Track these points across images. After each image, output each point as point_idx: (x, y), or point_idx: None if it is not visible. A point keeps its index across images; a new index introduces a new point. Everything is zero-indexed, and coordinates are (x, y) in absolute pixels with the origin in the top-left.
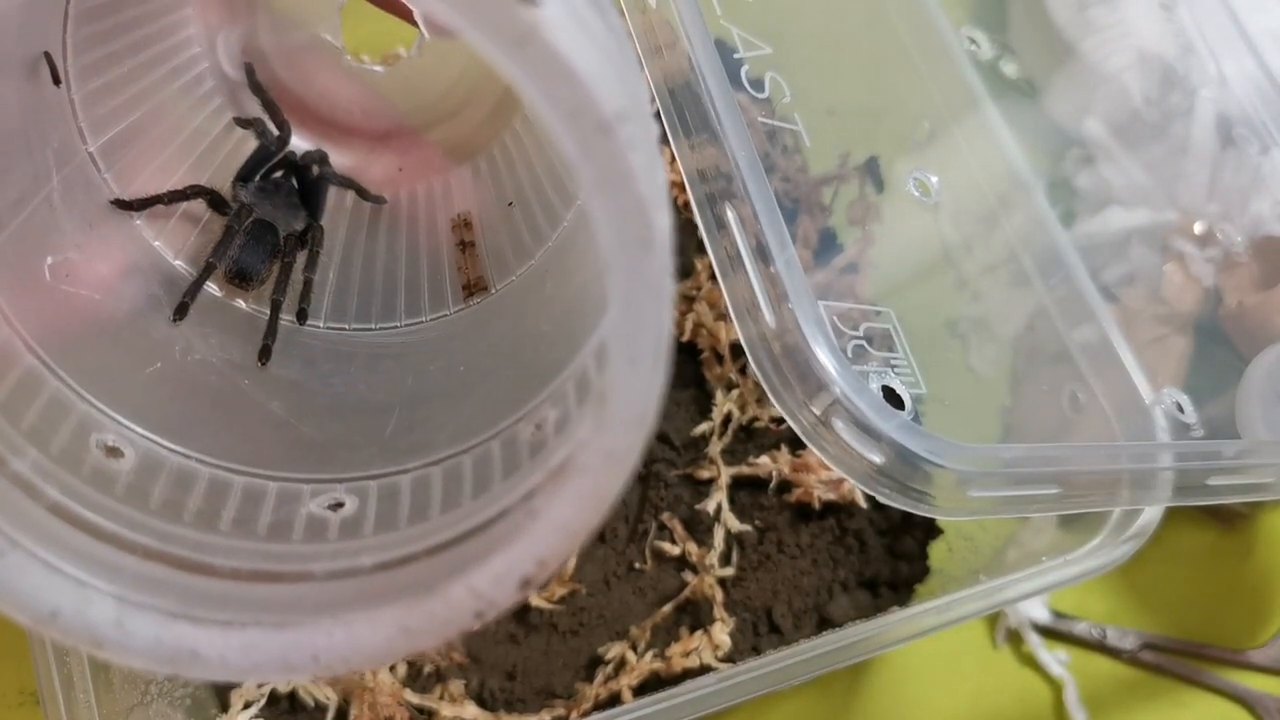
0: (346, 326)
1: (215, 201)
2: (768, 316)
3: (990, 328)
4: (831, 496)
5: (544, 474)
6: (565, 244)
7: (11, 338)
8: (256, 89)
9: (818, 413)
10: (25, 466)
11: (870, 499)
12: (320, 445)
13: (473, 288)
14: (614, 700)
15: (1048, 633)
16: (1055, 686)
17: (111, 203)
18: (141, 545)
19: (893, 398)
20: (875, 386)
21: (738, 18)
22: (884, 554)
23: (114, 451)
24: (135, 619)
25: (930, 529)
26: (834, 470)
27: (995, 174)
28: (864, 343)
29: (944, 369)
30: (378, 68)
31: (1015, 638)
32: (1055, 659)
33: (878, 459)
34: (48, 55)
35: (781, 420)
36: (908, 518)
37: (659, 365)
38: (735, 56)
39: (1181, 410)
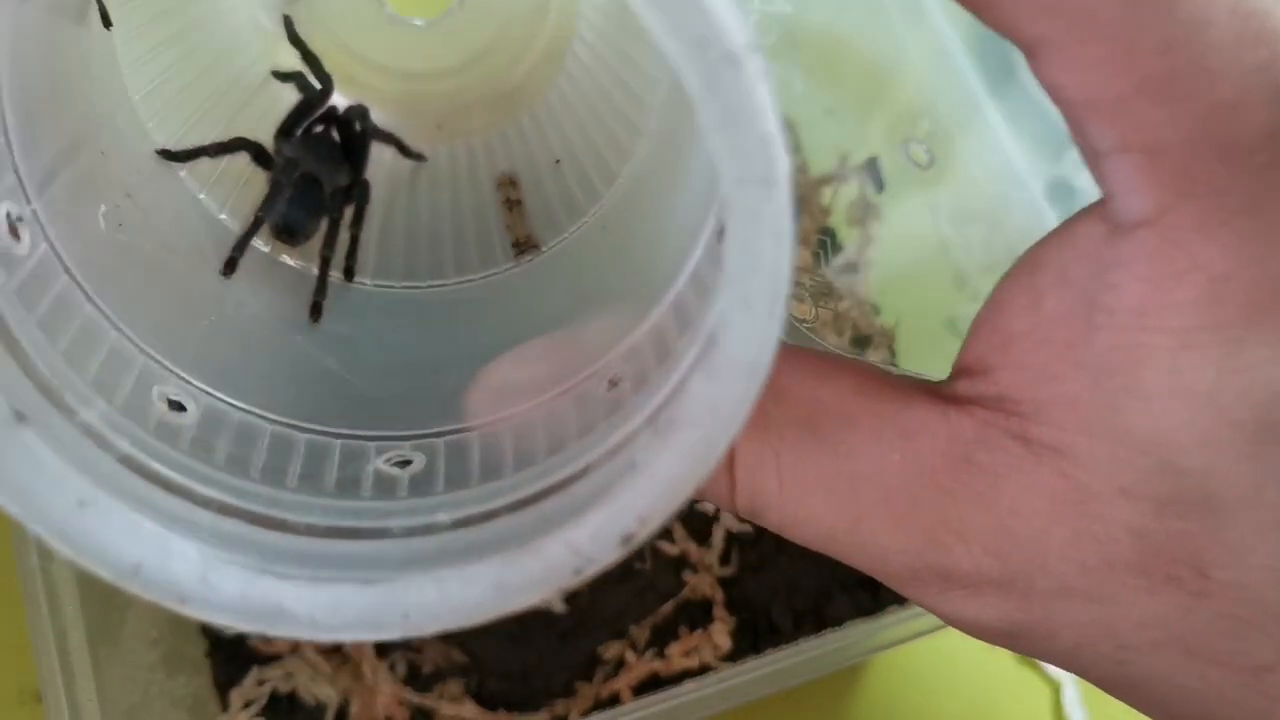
0: (395, 284)
1: (260, 155)
2: None
3: None
4: None
5: (634, 426)
6: (625, 201)
7: (71, 287)
8: (295, 41)
9: None
10: (94, 417)
11: None
12: (381, 402)
13: (523, 246)
14: (614, 700)
15: None
16: (1054, 686)
17: (157, 153)
18: (215, 500)
19: None
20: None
21: None
22: None
23: (176, 405)
24: (220, 573)
25: None
26: None
27: (995, 174)
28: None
29: (944, 368)
30: (418, 21)
31: None
32: None
33: None
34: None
35: None
36: None
37: (776, 311)
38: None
39: None
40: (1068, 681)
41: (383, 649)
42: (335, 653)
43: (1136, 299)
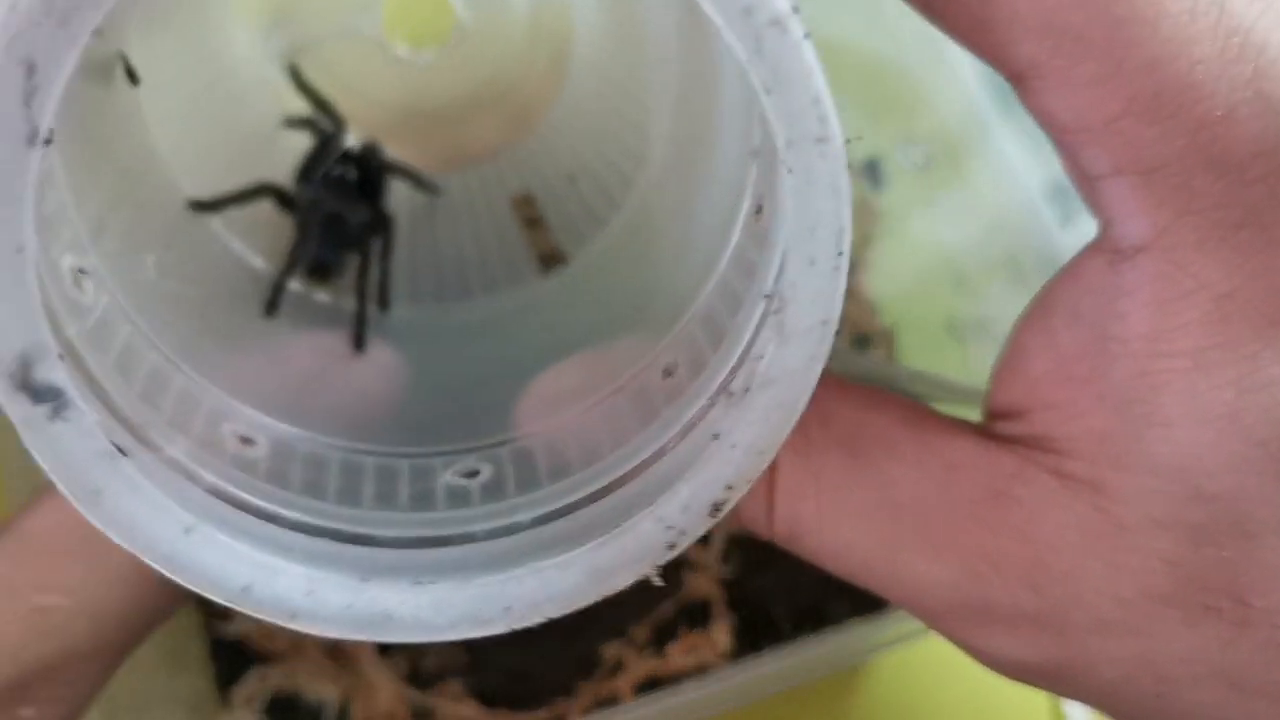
0: (428, 309)
1: (284, 199)
2: None
3: (990, 328)
4: None
5: (702, 403)
6: (649, 204)
7: (135, 334)
8: (303, 89)
9: None
10: (179, 452)
11: None
12: (437, 421)
13: (548, 260)
14: (614, 699)
15: None
16: None
17: (187, 204)
18: (301, 522)
19: None
20: None
21: None
22: None
23: (247, 440)
24: (325, 586)
25: None
26: None
27: (995, 174)
28: None
29: (943, 368)
30: (422, 58)
31: None
32: None
33: None
34: (124, 57)
35: None
36: None
37: (841, 266)
38: None
39: None
40: None
41: (384, 647)
42: (336, 652)
43: (1146, 325)
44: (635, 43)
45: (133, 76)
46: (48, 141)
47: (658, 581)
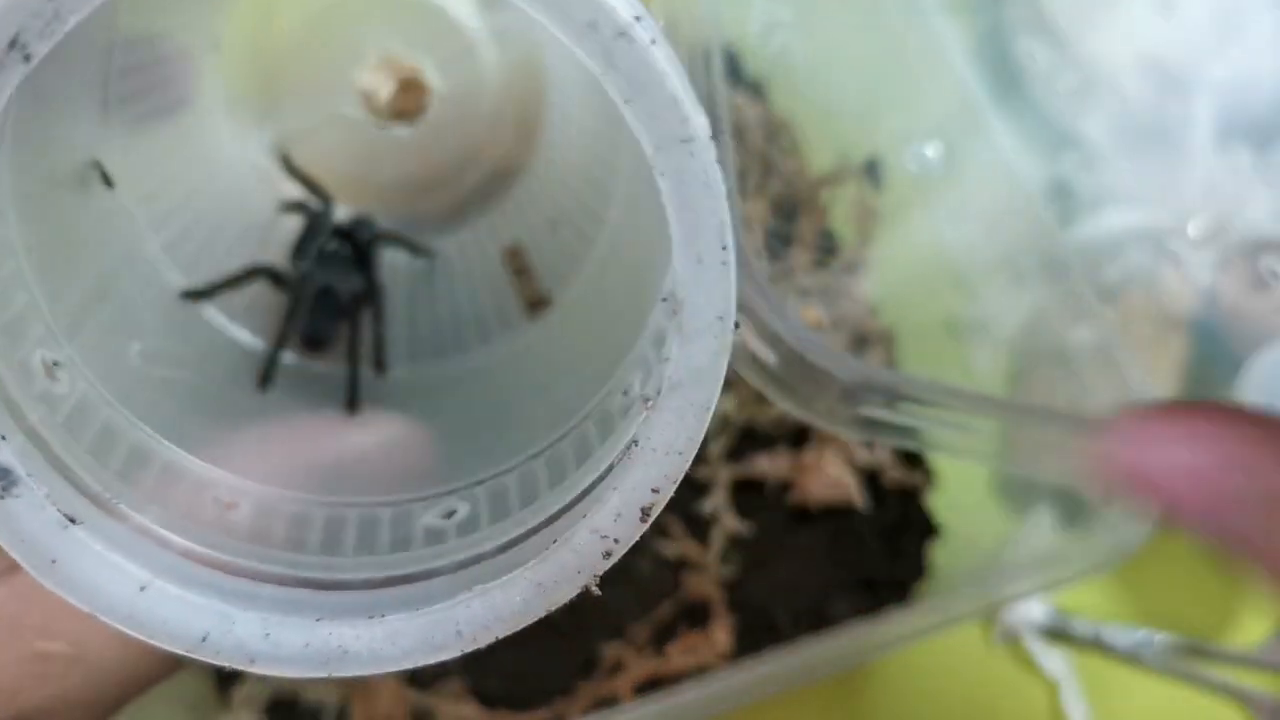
0: (425, 366)
1: (276, 278)
2: None
3: (989, 328)
4: (831, 497)
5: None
6: (614, 238)
7: (115, 415)
8: (293, 173)
9: None
10: (150, 520)
11: (870, 500)
12: (423, 470)
13: (536, 304)
14: (613, 700)
15: (1046, 632)
16: (1053, 685)
17: (181, 295)
18: (275, 574)
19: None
20: (793, 303)
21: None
22: (882, 554)
23: (231, 505)
24: (282, 629)
25: (929, 529)
26: (831, 472)
27: (994, 175)
28: (794, 266)
29: (943, 369)
30: (402, 131)
31: (1013, 637)
32: (1053, 658)
33: (770, 358)
34: (98, 163)
35: (781, 420)
36: (906, 518)
37: (728, 260)
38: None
39: None
40: (1067, 681)
41: None
42: None
43: None
44: (600, 87)
45: (108, 180)
46: None
47: (596, 591)
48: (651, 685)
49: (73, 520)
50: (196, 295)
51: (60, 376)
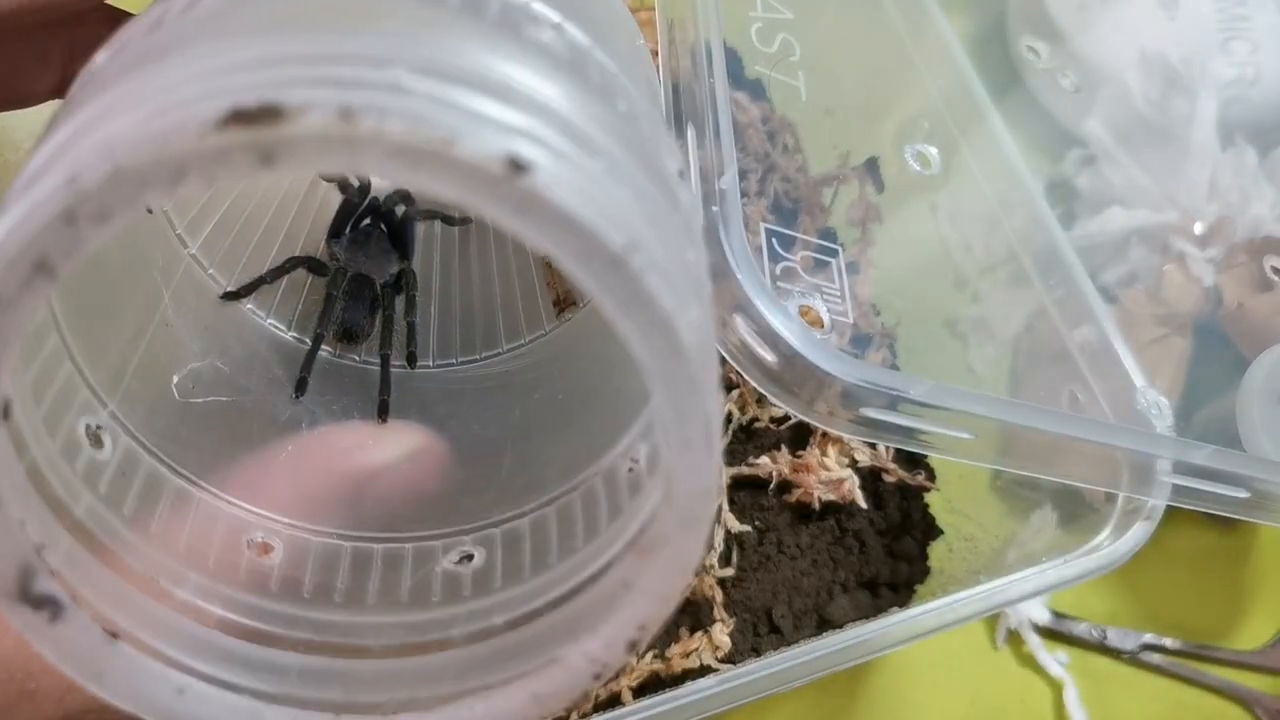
0: (454, 360)
1: (314, 266)
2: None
3: (990, 328)
4: (831, 497)
5: (641, 522)
6: None
7: (155, 466)
8: None
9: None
10: (189, 593)
11: (870, 500)
12: (445, 496)
13: (563, 303)
14: (614, 701)
15: (1048, 633)
16: (1055, 687)
17: (221, 297)
18: (301, 640)
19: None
20: (794, 304)
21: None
22: (884, 555)
23: (265, 548)
24: None
25: (930, 529)
26: (831, 472)
27: (995, 174)
28: (795, 266)
29: (944, 369)
30: None
31: (1015, 638)
32: (1055, 659)
33: (770, 358)
34: None
35: (781, 420)
36: (907, 518)
37: (711, 445)
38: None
39: (1160, 412)
40: (1069, 681)
41: None
42: None
43: None
44: None
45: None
46: (6, 413)
47: (587, 702)
48: (652, 686)
49: (114, 635)
50: (235, 295)
51: (104, 440)
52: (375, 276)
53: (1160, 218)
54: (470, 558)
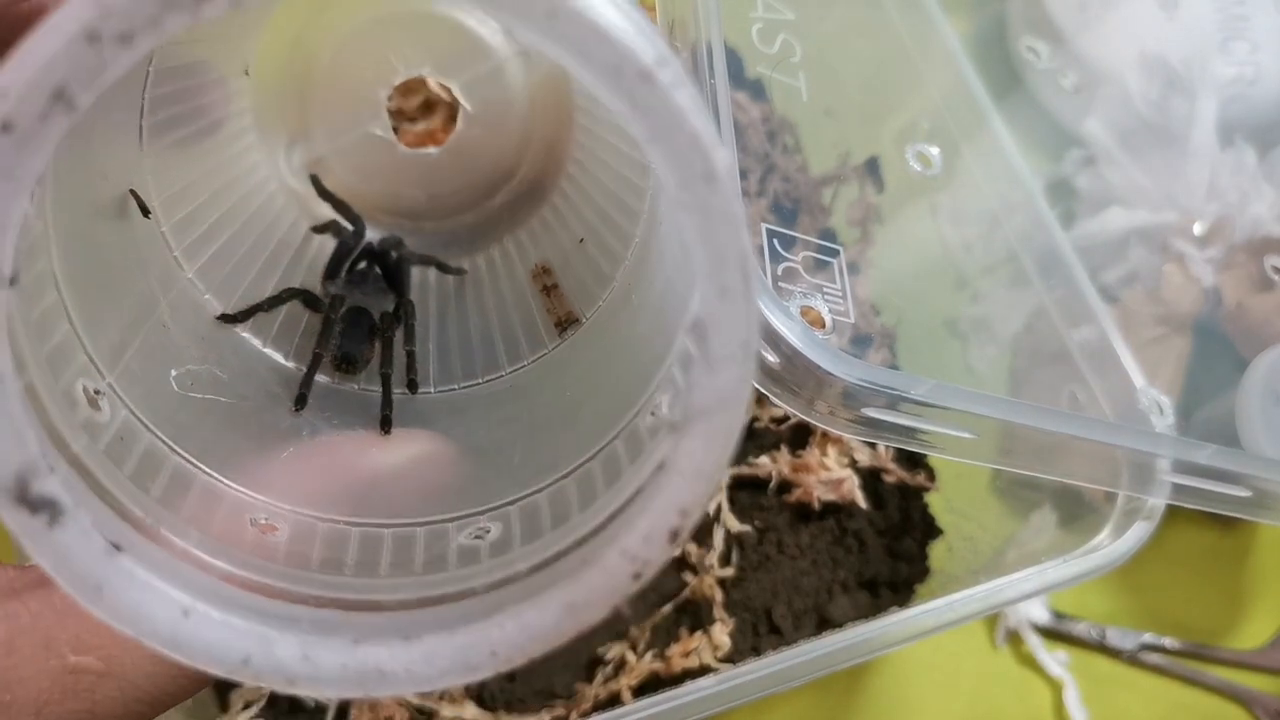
0: (456, 386)
1: (309, 300)
2: None
3: (990, 328)
4: (831, 497)
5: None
6: (640, 256)
7: (155, 442)
8: (324, 195)
9: None
10: (192, 544)
11: (870, 500)
12: (455, 488)
13: (564, 323)
14: (614, 701)
15: (1048, 633)
16: (1055, 687)
17: (217, 318)
18: (312, 596)
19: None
20: (795, 304)
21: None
22: (884, 554)
23: (269, 527)
24: (320, 651)
25: (930, 529)
26: (831, 472)
27: (995, 174)
28: (796, 266)
29: (944, 368)
30: (431, 150)
31: (1015, 638)
32: (1055, 659)
33: (771, 358)
34: (133, 193)
35: (781, 420)
36: (907, 518)
37: (750, 291)
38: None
39: (1161, 411)
40: (1069, 681)
41: None
42: None
43: None
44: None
45: (144, 209)
46: (12, 282)
47: (626, 612)
48: (652, 686)
49: (118, 547)
50: (231, 319)
51: (102, 405)
52: (372, 308)
53: (1160, 218)
54: (486, 532)
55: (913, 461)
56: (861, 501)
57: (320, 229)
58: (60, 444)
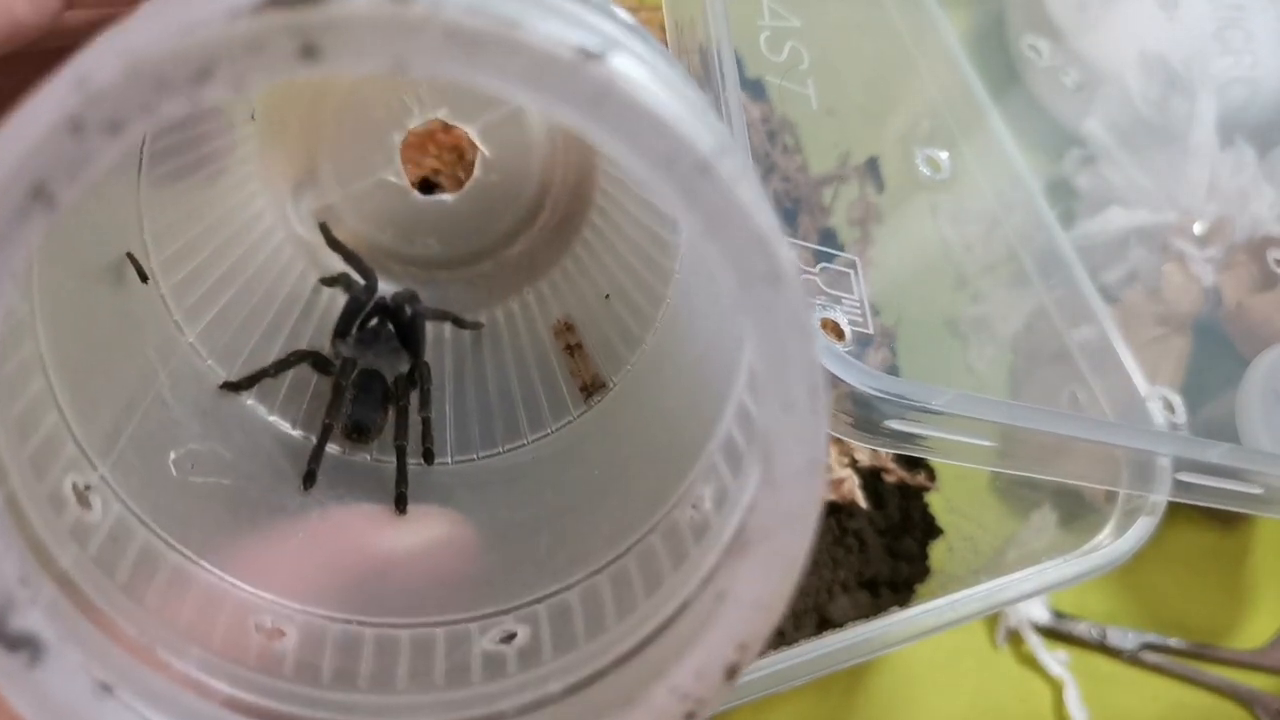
0: (475, 456)
1: (318, 362)
2: None
3: (990, 328)
4: (831, 497)
5: (719, 553)
6: (672, 320)
7: (151, 538)
8: (334, 245)
9: None
10: (191, 666)
11: (871, 499)
12: (477, 579)
13: (590, 388)
14: None
15: (1048, 633)
16: (1055, 686)
17: (220, 387)
18: (323, 719)
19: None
20: (815, 315)
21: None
22: (884, 554)
23: (275, 633)
24: None
25: (930, 529)
26: (831, 472)
27: (995, 174)
28: (815, 279)
29: (944, 368)
30: (446, 197)
31: (1015, 638)
32: (1055, 659)
33: None
34: (130, 256)
35: None
36: (908, 518)
37: (819, 405)
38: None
39: (1172, 410)
40: (1069, 681)
41: None
42: None
43: None
44: None
45: (142, 274)
46: None
47: None
48: None
49: (107, 688)
50: (236, 386)
51: (93, 502)
52: (385, 372)
53: (1160, 217)
54: (513, 636)
55: (913, 461)
56: (862, 501)
57: (330, 281)
58: (45, 560)
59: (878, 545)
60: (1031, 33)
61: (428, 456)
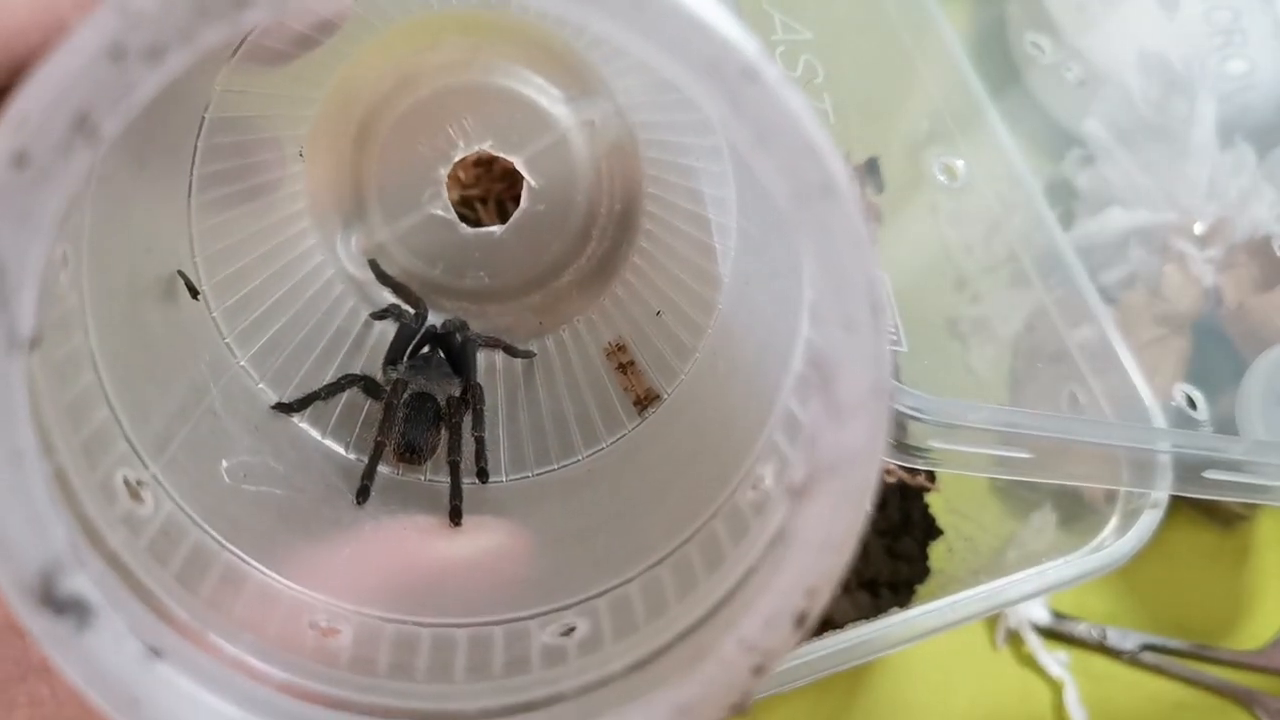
0: (530, 474)
1: (369, 387)
2: None
3: (990, 328)
4: None
5: (781, 516)
6: (725, 323)
7: (204, 538)
8: (384, 280)
9: None
10: (244, 650)
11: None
12: (535, 581)
13: (644, 401)
14: None
15: (1048, 633)
16: (1055, 687)
17: (272, 408)
18: (379, 705)
19: None
20: None
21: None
22: (884, 555)
23: (330, 631)
24: None
25: (930, 530)
26: None
27: (995, 174)
28: None
29: (944, 369)
30: (495, 229)
31: (1015, 639)
32: (1055, 660)
33: None
34: (181, 274)
35: None
36: (907, 518)
37: (880, 323)
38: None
39: (1194, 406)
40: (1069, 681)
41: None
42: None
43: None
44: (698, 172)
45: (193, 290)
46: (33, 345)
47: (748, 706)
48: None
49: (157, 653)
50: (288, 408)
51: (145, 497)
52: (437, 394)
53: (1160, 218)
54: (573, 630)
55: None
56: None
57: (380, 315)
58: (95, 537)
59: (878, 546)
60: (1033, 30)
61: (482, 475)
